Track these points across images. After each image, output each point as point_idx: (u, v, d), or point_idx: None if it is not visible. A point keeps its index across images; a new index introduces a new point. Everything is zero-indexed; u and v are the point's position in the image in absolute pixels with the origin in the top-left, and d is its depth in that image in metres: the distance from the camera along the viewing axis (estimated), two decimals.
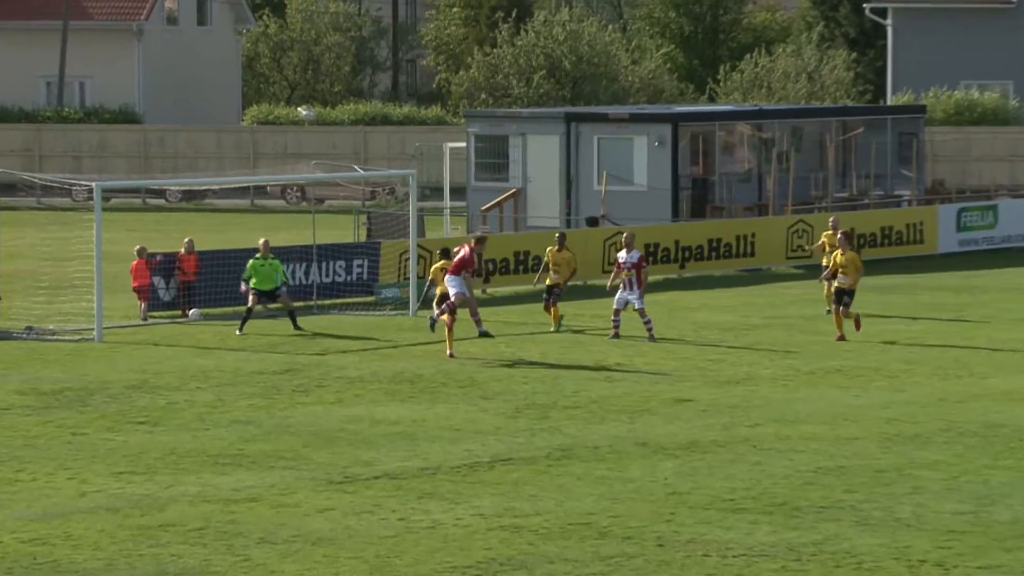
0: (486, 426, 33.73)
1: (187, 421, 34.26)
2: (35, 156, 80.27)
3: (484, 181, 62.98)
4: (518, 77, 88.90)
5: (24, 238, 54.65)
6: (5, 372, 39.35)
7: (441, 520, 26.94)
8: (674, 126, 62.49)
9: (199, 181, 71.11)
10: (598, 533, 26.25)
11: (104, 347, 42.86)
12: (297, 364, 40.28)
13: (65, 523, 26.71)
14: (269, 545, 25.59)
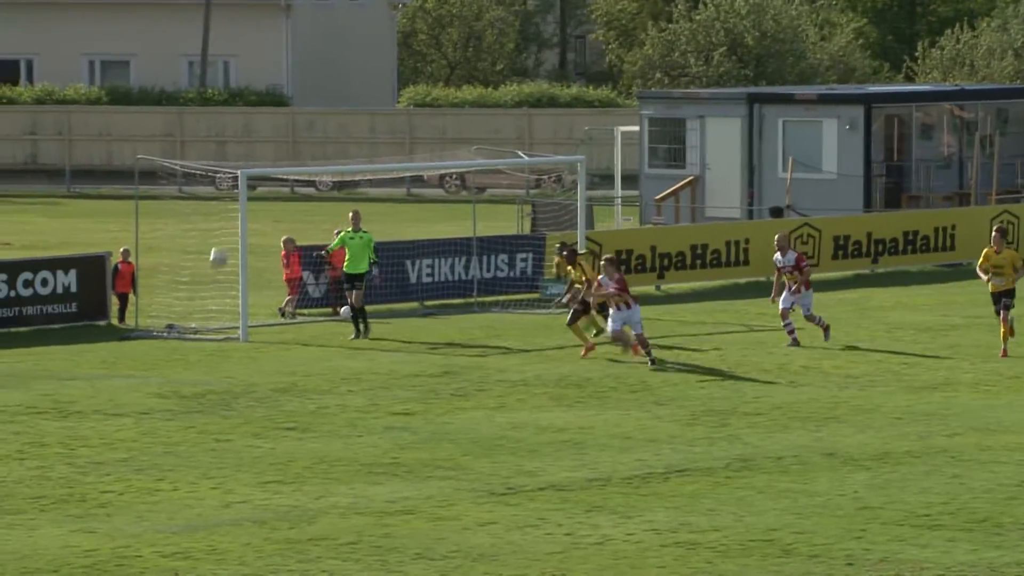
0: (660, 434, 33.81)
1: (338, 427, 34.52)
2: (177, 141, 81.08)
3: (658, 168, 62.99)
4: (696, 55, 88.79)
5: (165, 229, 55.19)
6: (145, 374, 39.80)
7: (611, 535, 27.04)
8: (867, 108, 62.22)
9: (351, 168, 71.43)
10: (781, 551, 26.27)
11: (249, 347, 43.24)
12: (455, 366, 40.47)
13: (209, 536, 27.02)
14: (426, 561, 25.79)
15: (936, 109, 64.98)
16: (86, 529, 27.43)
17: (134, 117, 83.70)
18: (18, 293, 45.26)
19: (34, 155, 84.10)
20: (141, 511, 28.51)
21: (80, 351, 42.48)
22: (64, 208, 74.89)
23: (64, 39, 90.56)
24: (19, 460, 31.77)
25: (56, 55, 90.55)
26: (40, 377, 39.32)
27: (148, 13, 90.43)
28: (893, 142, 63.18)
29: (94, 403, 36.54)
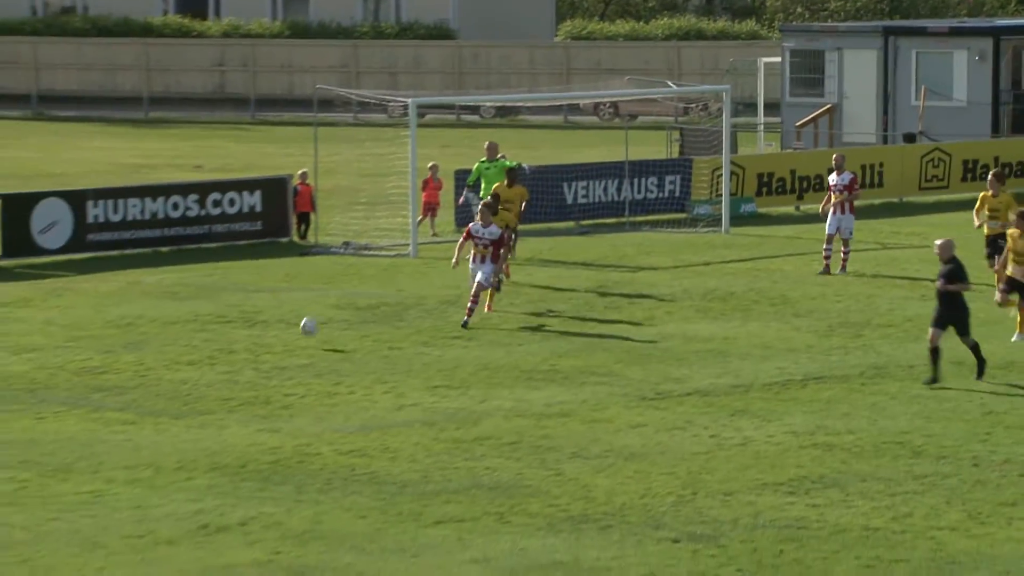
0: (798, 344, 33.81)
1: (499, 337, 34.68)
2: (352, 72, 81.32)
3: (799, 97, 62.77)
4: None
5: (341, 154, 55.41)
6: (324, 287, 40.08)
7: (752, 437, 27.12)
8: (996, 40, 61.70)
9: (513, 97, 71.55)
10: (912, 452, 26.28)
11: (418, 263, 43.46)
12: (608, 281, 40.52)
13: (382, 435, 27.28)
14: (581, 460, 25.94)
15: None
16: (270, 429, 27.74)
17: (313, 50, 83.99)
18: (208, 212, 45.64)
19: (222, 85, 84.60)
20: (320, 412, 28.81)
21: (264, 266, 42.82)
22: (249, 134, 75.34)
23: None
24: (210, 365, 32.14)
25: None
26: (228, 289, 39.70)
27: None
28: (1020, 72, 62.60)
29: (278, 313, 36.86)
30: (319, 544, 22.30)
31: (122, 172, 58.08)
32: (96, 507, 23.74)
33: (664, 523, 23.06)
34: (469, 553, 21.94)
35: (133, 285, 40.21)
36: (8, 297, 38.80)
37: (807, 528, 22.82)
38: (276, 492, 24.40)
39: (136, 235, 44.69)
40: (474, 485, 24.70)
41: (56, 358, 32.54)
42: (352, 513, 23.50)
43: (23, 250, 43.04)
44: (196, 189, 46.17)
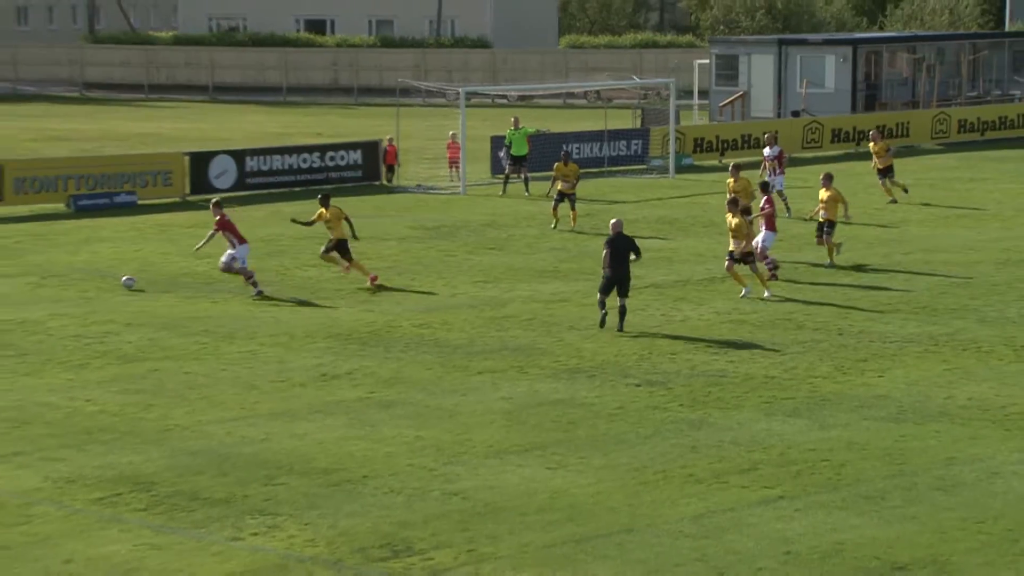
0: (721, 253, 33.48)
1: (520, 248, 34.58)
2: (422, 70, 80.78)
3: (721, 86, 62.70)
4: (746, 15, 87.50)
5: (413, 126, 55.26)
6: (401, 214, 39.98)
7: (689, 316, 26.96)
8: (854, 48, 61.75)
9: (530, 87, 71.11)
10: (796, 326, 26.09)
11: (467, 199, 43.31)
12: (593, 210, 40.29)
13: (442, 314, 27.24)
14: (576, 331, 25.87)
15: (897, 48, 64.27)
16: (367, 309, 27.71)
17: (395, 55, 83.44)
18: (325, 164, 45.46)
19: (335, 79, 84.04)
20: (400, 298, 28.75)
21: (363, 200, 42.66)
22: (352, 112, 74.99)
23: (354, 7, 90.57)
24: (326, 267, 32.03)
25: (349, 17, 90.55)
26: None
27: None
28: (871, 68, 62.52)
29: (371, 232, 36.71)
30: (400, 386, 22.29)
31: (268, 138, 57.86)
32: (252, 361, 23.74)
33: (630, 373, 23.00)
34: (500, 393, 21.93)
35: (275, 213, 40.14)
36: (193, 221, 38.75)
37: (726, 376, 22.75)
38: (371, 352, 24.39)
39: (278, 180, 44.55)
40: (503, 347, 24.67)
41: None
42: (422, 366, 23.49)
43: (203, 189, 42.95)
44: (317, 148, 46.00)
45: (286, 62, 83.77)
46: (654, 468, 18.35)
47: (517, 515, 16.71)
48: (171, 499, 17.19)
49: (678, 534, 16.11)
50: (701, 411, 20.87)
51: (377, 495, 17.38)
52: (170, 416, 20.63)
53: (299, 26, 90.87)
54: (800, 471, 18.22)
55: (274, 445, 19.30)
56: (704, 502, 17.11)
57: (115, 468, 18.27)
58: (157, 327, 26.01)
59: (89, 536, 16.02)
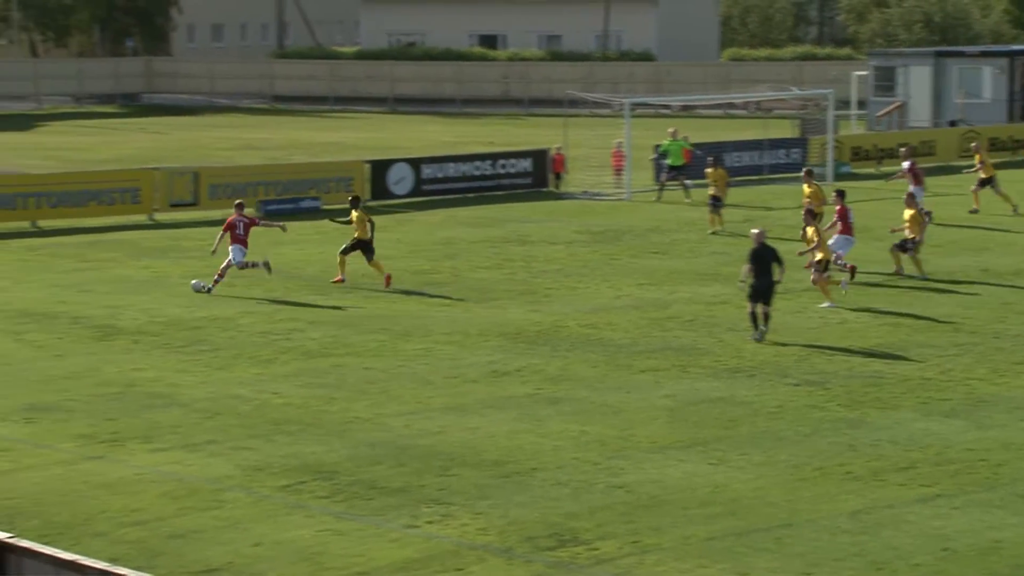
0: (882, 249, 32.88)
1: (682, 252, 34.29)
2: (589, 83, 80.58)
3: (879, 97, 61.76)
4: (903, 28, 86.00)
5: (580, 135, 55.16)
6: (569, 219, 39.90)
7: (847, 318, 26.47)
8: (1011, 59, 60.47)
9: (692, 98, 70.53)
10: (952, 328, 25.50)
11: (631, 204, 43.09)
12: (753, 216, 39.84)
13: (607, 315, 27.09)
14: (735, 332, 25.53)
15: None
16: (535, 310, 27.62)
17: (564, 68, 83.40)
18: (497, 171, 45.55)
19: (507, 91, 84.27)
20: (568, 299, 28.67)
21: (532, 206, 42.72)
22: (523, 122, 75.11)
23: (524, 23, 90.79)
24: (498, 269, 32.10)
25: (520, 33, 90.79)
26: (509, 221, 39.64)
27: (574, 7, 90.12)
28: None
29: (540, 236, 36.75)
30: (567, 383, 22.19)
31: (443, 147, 58.14)
32: (427, 358, 23.82)
33: (789, 373, 22.65)
34: (663, 391, 21.72)
35: (450, 217, 40.31)
36: None
37: (883, 377, 22.29)
38: (539, 350, 24.32)
39: (453, 186, 44.74)
40: (666, 347, 24.46)
41: (402, 263, 32.70)
42: (587, 364, 23.36)
43: (382, 195, 43.30)
44: (490, 157, 46.10)
45: (461, 75, 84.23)
46: (813, 465, 18.03)
47: (679, 508, 16.51)
48: (352, 488, 17.28)
49: (836, 529, 15.78)
50: (859, 411, 20.46)
51: (545, 487, 17.29)
52: (351, 409, 20.76)
53: (473, 41, 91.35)
54: (958, 470, 17.76)
55: (448, 438, 19.32)
56: (862, 499, 16.75)
57: (300, 458, 18.42)
58: (339, 325, 26.22)
59: (276, 521, 16.15)
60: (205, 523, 16.09)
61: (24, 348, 24.15)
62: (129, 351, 24.01)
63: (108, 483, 17.30)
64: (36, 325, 25.85)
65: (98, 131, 68.23)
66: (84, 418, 20.04)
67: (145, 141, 63.12)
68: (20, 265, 32.24)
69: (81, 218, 38.49)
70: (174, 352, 23.98)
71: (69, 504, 16.54)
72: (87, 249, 34.45)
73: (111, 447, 18.73)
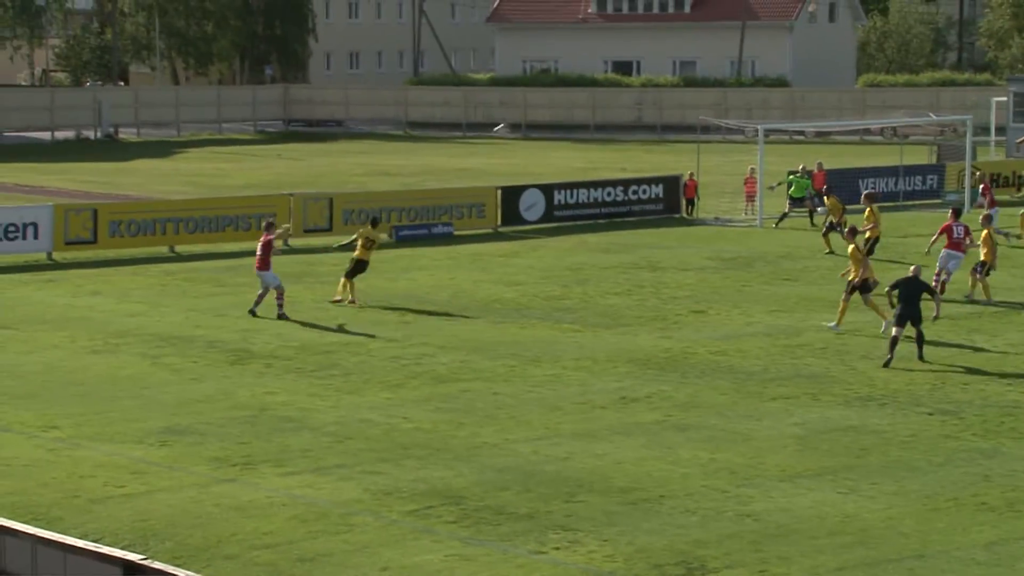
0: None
1: (814, 279, 33.99)
2: (722, 108, 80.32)
3: (1019, 123, 60.66)
4: None
5: (713, 162, 54.95)
6: (701, 246, 39.73)
7: (983, 347, 26.00)
8: None
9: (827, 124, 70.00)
10: None
11: (763, 231, 42.80)
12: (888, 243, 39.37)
13: (737, 342, 26.93)
14: (867, 360, 25.28)
15: None
16: (665, 336, 27.55)
17: (698, 94, 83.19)
18: (628, 197, 45.53)
19: (640, 117, 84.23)
20: (697, 326, 28.55)
21: (664, 232, 42.64)
22: (656, 147, 75.05)
23: (659, 49, 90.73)
24: (628, 295, 32.08)
25: (654, 58, 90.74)
26: (640, 246, 39.59)
27: (709, 33, 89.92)
28: None
29: (671, 262, 36.66)
30: (696, 410, 22.09)
31: (576, 172, 58.24)
32: (556, 384, 23.85)
33: (922, 402, 22.34)
34: (793, 419, 21.54)
35: (582, 243, 40.37)
36: (504, 250, 39.25)
37: (1020, 407, 21.90)
38: (668, 377, 24.24)
39: (584, 212, 44.80)
40: (796, 375, 24.25)
41: (533, 289, 32.81)
42: (717, 391, 23.24)
43: (513, 221, 43.49)
44: (621, 183, 46.10)
45: (594, 101, 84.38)
46: (946, 495, 17.76)
47: (808, 537, 16.36)
48: (479, 513, 17.36)
49: (970, 561, 15.53)
50: (994, 440, 20.12)
51: (673, 514, 17.23)
52: (479, 434, 20.85)
53: (606, 67, 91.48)
54: None
55: (575, 464, 19.33)
56: (996, 530, 16.47)
57: (428, 482, 18.55)
58: (469, 350, 26.36)
59: (404, 545, 16.28)
60: (334, 547, 16.26)
61: (160, 371, 24.62)
62: (262, 375, 24.36)
63: (239, 506, 17.56)
64: (172, 349, 26.33)
65: (235, 157, 69.39)
66: (217, 441, 20.37)
67: (281, 167, 64.06)
68: (158, 290, 32.87)
69: (218, 243, 39.15)
70: (306, 376, 24.29)
71: (201, 526, 16.82)
72: (223, 274, 35.03)
73: (243, 470, 19.02)
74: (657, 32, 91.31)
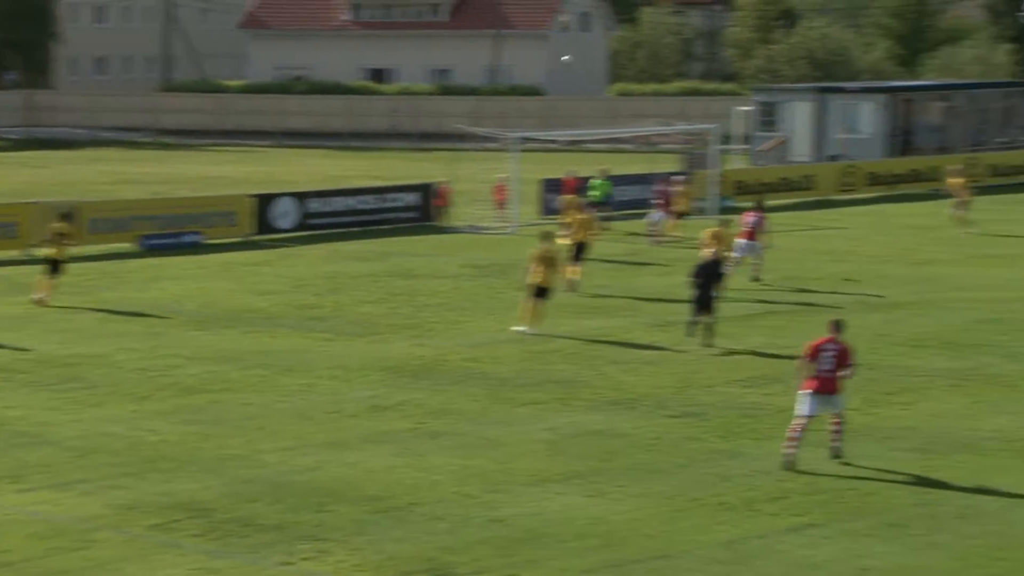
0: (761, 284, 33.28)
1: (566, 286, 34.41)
2: (477, 117, 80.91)
3: (762, 131, 62.52)
4: (787, 64, 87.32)
5: (466, 169, 55.29)
6: (454, 253, 39.96)
7: (728, 349, 26.80)
8: (890, 95, 61.47)
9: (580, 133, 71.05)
10: None
11: (517, 238, 43.19)
12: (637, 252, 40.15)
13: (490, 349, 27.14)
14: (615, 364, 25.73)
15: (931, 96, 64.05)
16: (419, 344, 27.62)
17: (452, 102, 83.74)
18: (383, 205, 45.53)
19: (395, 125, 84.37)
20: (451, 334, 28.67)
21: (417, 240, 42.76)
22: (411, 156, 75.24)
23: (415, 57, 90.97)
24: (381, 303, 32.08)
25: (410, 66, 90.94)
26: (394, 255, 39.64)
27: (464, 42, 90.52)
28: (906, 115, 62.21)
29: (425, 270, 36.79)
30: (448, 417, 22.20)
31: (330, 180, 58.05)
32: (307, 393, 23.72)
33: (668, 405, 22.85)
34: (544, 424, 21.81)
35: (335, 252, 40.23)
36: (256, 259, 38.89)
37: (760, 409, 22.56)
38: (421, 384, 24.32)
39: (338, 220, 44.64)
40: (548, 380, 24.56)
41: (285, 298, 32.58)
42: (470, 398, 23.40)
43: (266, 229, 43.11)
44: (375, 191, 46.12)
45: (349, 109, 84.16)
46: (688, 496, 18.20)
47: (556, 541, 16.59)
48: (226, 525, 17.16)
49: (710, 560, 15.94)
50: (735, 442, 20.69)
51: (422, 521, 17.29)
52: (228, 445, 20.61)
53: (362, 75, 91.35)
54: (828, 499, 18.02)
55: (326, 473, 19.25)
56: (736, 529, 16.94)
57: (174, 495, 18.25)
58: (219, 360, 26.04)
59: (147, 561, 15.99)
60: (74, 564, 15.88)
61: None
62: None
63: None
64: None
65: None
66: None
67: (25, 175, 62.34)
68: None
69: None
70: (44, 389, 23.68)
71: None
72: None
73: None
74: (413, 40, 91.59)
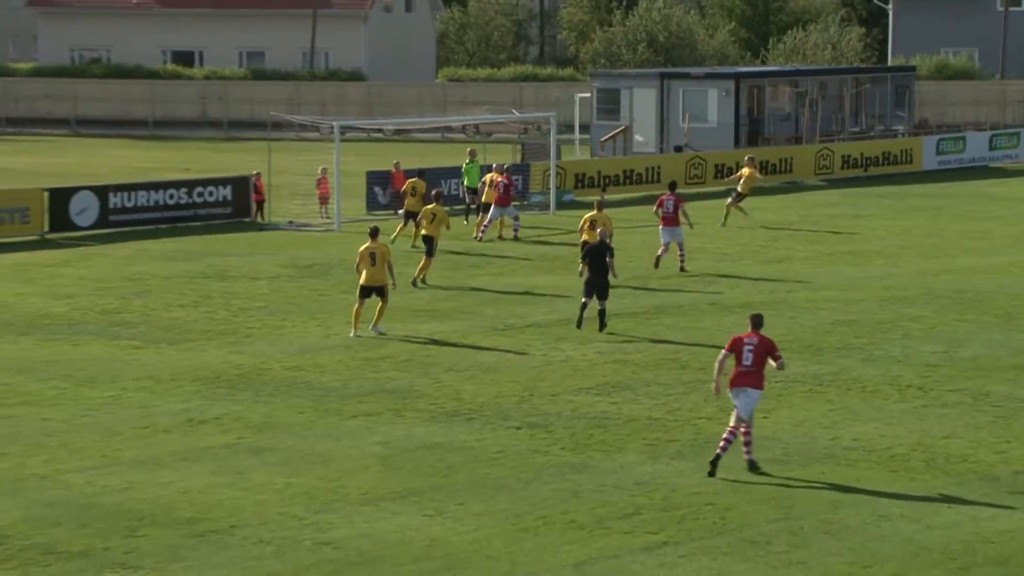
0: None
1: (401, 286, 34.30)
2: (295, 104, 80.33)
3: (603, 120, 62.82)
4: (627, 48, 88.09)
5: (285, 161, 54.90)
6: (274, 252, 39.65)
7: (572, 356, 26.97)
8: (737, 82, 62.08)
9: (407, 121, 71.01)
10: (680, 365, 26.19)
11: (341, 235, 43.00)
12: (472, 248, 40.29)
13: (315, 356, 26.97)
14: (454, 372, 25.74)
15: (780, 82, 64.92)
16: (236, 351, 27.36)
17: (267, 88, 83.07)
18: (194, 200, 44.98)
19: (204, 112, 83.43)
20: (272, 340, 28.46)
21: (232, 238, 42.33)
22: (223, 147, 74.44)
23: (224, 39, 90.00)
24: (195, 307, 31.71)
25: (218, 49, 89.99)
26: (207, 254, 39.19)
27: (278, 22, 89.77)
28: (753, 103, 63.00)
29: (242, 270, 36.44)
30: (271, 431, 21.99)
31: (134, 173, 57.16)
32: (114, 407, 23.33)
33: (511, 416, 22.88)
34: (376, 437, 21.71)
35: (141, 251, 39.65)
36: (53, 260, 38.18)
37: (609, 418, 22.70)
38: (240, 396, 24.06)
39: (143, 216, 43.98)
40: (379, 390, 24.46)
41: (86, 302, 32.03)
42: (294, 410, 23.21)
43: (64, 227, 42.31)
44: (185, 184, 45.52)
45: (153, 95, 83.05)
46: (535, 514, 18.23)
47: (392, 565, 16.50)
48: (25, 553, 16.77)
49: None
50: (583, 454, 20.78)
51: (245, 545, 17.08)
52: (25, 465, 20.17)
53: (166, 58, 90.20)
54: (684, 516, 18.18)
55: (137, 494, 18.93)
56: (586, 549, 17.01)
57: None
58: (13, 372, 25.48)
59: None
60: None
61: None
62: None
63: None
64: None
65: None
66: None
67: None
68: None
69: None
70: None
71: None
72: None
73: None
74: (222, 20, 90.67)
